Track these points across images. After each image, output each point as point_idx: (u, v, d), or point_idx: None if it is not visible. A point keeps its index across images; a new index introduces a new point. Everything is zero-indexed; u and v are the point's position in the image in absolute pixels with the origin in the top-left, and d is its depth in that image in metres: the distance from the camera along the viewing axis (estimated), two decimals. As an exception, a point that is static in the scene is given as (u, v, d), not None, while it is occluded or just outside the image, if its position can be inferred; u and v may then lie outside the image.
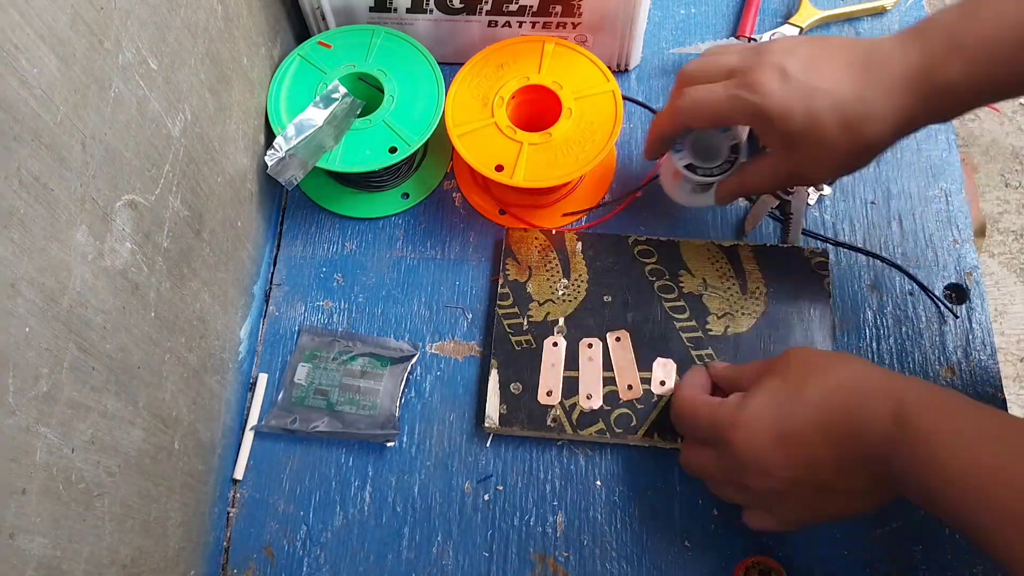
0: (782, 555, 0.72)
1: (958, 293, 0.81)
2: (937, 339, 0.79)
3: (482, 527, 0.74)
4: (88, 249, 0.52)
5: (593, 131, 0.79)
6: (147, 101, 0.59)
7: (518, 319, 0.79)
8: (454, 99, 0.82)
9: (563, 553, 0.73)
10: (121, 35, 0.55)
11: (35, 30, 0.46)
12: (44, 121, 0.47)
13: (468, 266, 0.84)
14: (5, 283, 0.44)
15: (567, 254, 0.81)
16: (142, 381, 0.60)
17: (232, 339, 0.77)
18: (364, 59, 0.84)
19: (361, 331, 0.82)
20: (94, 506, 0.54)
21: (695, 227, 0.85)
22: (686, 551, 0.72)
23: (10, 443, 0.45)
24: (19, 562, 0.46)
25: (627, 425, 0.74)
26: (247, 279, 0.81)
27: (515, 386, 0.76)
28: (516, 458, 0.76)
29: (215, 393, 0.74)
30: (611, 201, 0.86)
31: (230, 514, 0.76)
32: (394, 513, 0.75)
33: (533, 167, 0.78)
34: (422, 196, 0.87)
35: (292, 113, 0.81)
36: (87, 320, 0.52)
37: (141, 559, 0.61)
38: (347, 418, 0.77)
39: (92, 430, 0.53)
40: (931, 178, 0.86)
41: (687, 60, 0.91)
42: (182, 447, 0.68)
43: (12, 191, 0.44)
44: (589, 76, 0.82)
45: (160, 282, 0.62)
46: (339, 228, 0.86)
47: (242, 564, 0.74)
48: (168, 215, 0.63)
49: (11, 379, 0.45)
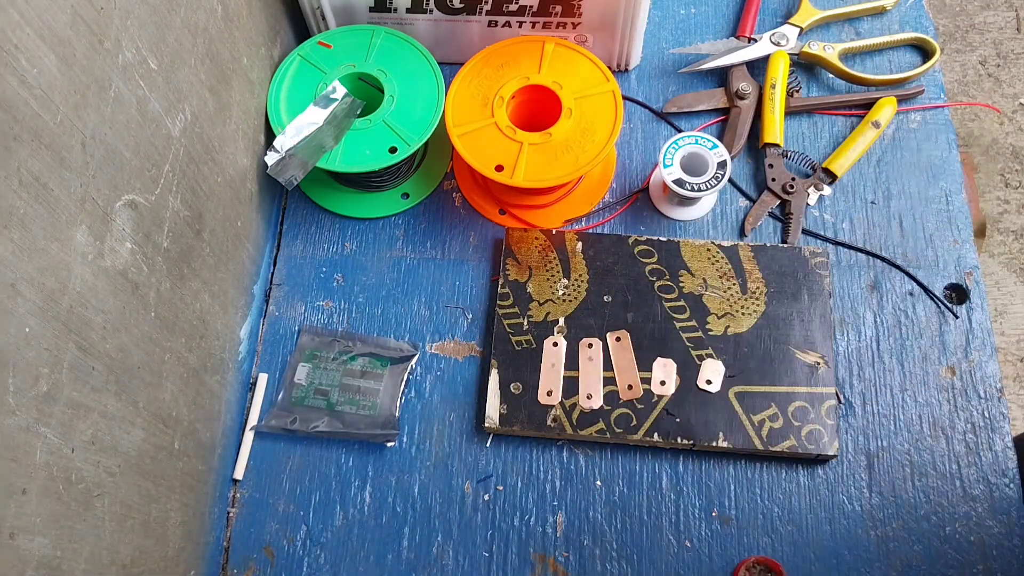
0: (781, 555, 0.72)
1: (958, 293, 0.81)
2: (937, 339, 0.79)
3: (482, 527, 0.74)
4: (88, 249, 0.52)
5: (593, 131, 0.79)
6: (147, 101, 0.59)
7: (518, 319, 0.79)
8: (454, 99, 0.81)
9: (563, 553, 0.73)
10: (121, 35, 0.55)
11: (35, 30, 0.46)
12: (44, 121, 0.47)
13: (468, 266, 0.84)
14: (5, 283, 0.44)
15: (567, 254, 0.81)
16: (142, 381, 0.60)
17: (232, 339, 0.77)
18: (364, 59, 0.84)
19: (361, 331, 0.81)
20: (94, 506, 0.54)
21: (695, 227, 0.85)
22: (686, 551, 0.72)
23: (10, 443, 0.45)
24: (19, 562, 0.46)
25: (627, 425, 0.74)
26: (247, 279, 0.81)
27: (515, 386, 0.76)
28: (516, 458, 0.76)
29: (215, 393, 0.74)
30: (612, 202, 0.86)
31: (230, 514, 0.76)
32: (394, 513, 0.75)
33: (533, 167, 0.78)
34: (422, 196, 0.87)
35: (292, 113, 0.81)
36: (87, 320, 0.52)
37: (141, 559, 0.61)
38: (347, 418, 0.77)
39: (92, 430, 0.53)
40: (931, 178, 0.85)
41: (687, 60, 0.91)
42: (182, 447, 0.68)
43: (12, 191, 0.44)
44: (589, 76, 0.82)
45: (160, 282, 0.62)
46: (339, 228, 0.86)
47: (242, 564, 0.74)
48: (168, 215, 0.63)
49: (11, 379, 0.45)
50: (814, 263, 0.80)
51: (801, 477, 0.75)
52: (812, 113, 0.89)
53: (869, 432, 0.76)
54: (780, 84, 0.87)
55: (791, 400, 0.74)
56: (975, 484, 0.74)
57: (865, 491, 0.74)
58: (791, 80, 0.88)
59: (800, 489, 0.74)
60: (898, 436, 0.75)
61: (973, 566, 0.71)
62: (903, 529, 0.72)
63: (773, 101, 0.86)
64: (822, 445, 0.73)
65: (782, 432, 0.73)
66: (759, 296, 0.79)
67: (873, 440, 0.75)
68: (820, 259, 0.80)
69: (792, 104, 0.88)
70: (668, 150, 0.81)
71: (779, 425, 0.73)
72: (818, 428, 0.73)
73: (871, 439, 0.75)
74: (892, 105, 0.86)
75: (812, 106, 0.89)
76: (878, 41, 0.91)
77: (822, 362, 0.76)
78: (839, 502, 0.74)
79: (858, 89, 0.90)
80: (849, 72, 0.88)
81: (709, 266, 0.80)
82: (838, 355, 0.78)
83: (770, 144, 0.85)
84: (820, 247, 0.81)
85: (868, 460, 0.75)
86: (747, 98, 0.88)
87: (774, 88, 0.87)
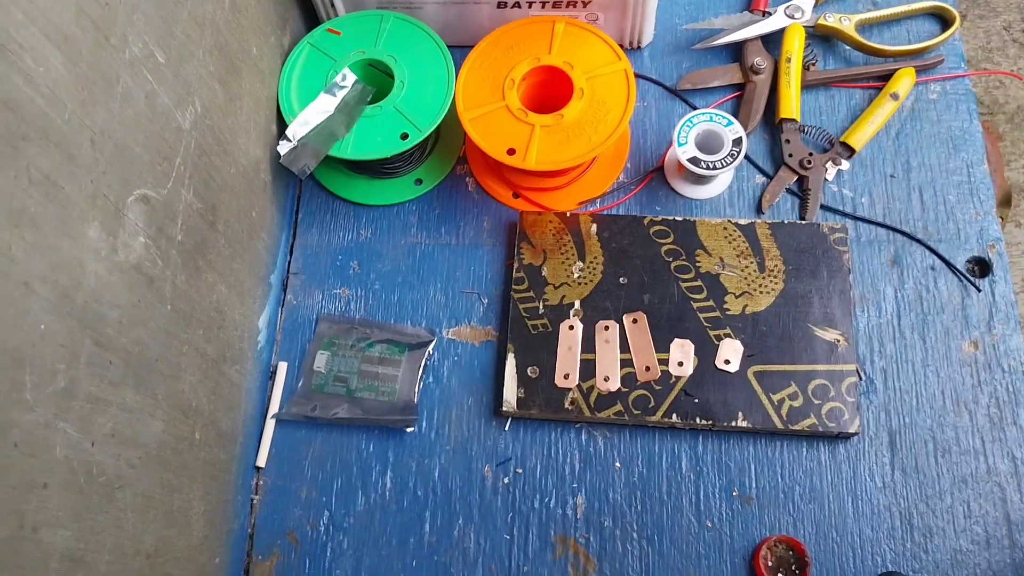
0: (803, 534, 0.71)
1: (981, 266, 0.79)
2: (960, 313, 0.78)
3: (503, 510, 0.74)
4: (101, 245, 0.52)
5: (606, 111, 0.78)
6: (156, 95, 0.59)
7: (534, 303, 0.78)
8: (464, 83, 0.81)
9: (584, 534, 0.73)
10: (127, 30, 0.55)
11: (40, 28, 0.46)
12: (52, 119, 0.47)
13: (483, 251, 0.84)
14: (19, 281, 0.45)
15: (582, 236, 0.81)
16: (160, 373, 0.61)
17: (250, 329, 0.78)
18: (374, 45, 0.84)
19: (378, 318, 0.82)
20: (116, 498, 0.55)
21: (712, 206, 0.84)
22: (707, 531, 0.72)
23: (29, 439, 0.46)
24: (43, 555, 0.47)
25: (645, 406, 0.74)
26: (263, 269, 0.81)
27: (532, 370, 0.76)
28: (535, 441, 0.76)
29: (235, 383, 0.74)
30: (626, 183, 0.85)
31: (254, 501, 0.76)
32: (415, 497, 0.75)
33: (545, 149, 0.77)
34: (435, 182, 0.87)
35: (303, 102, 0.81)
36: (102, 315, 0.53)
37: (165, 548, 0.62)
38: (366, 404, 0.78)
39: (112, 423, 0.54)
40: (952, 149, 0.84)
41: (701, 36, 0.90)
42: (203, 437, 0.68)
43: (22, 190, 0.45)
44: (600, 55, 0.81)
45: (175, 275, 0.63)
46: (353, 216, 0.86)
47: (267, 550, 0.75)
48: (181, 208, 0.63)
49: (28, 376, 0.45)
50: (833, 239, 0.79)
51: (822, 455, 0.74)
52: (829, 86, 0.88)
53: (891, 409, 0.75)
54: (796, 58, 0.85)
55: (811, 378, 0.74)
56: (1000, 459, 0.73)
57: (888, 468, 0.73)
58: (807, 53, 0.87)
59: (821, 467, 0.74)
60: (920, 412, 0.75)
61: (1000, 541, 0.70)
62: (926, 506, 0.72)
63: (789, 75, 0.85)
64: (843, 423, 0.72)
65: (802, 411, 0.73)
66: (777, 274, 0.78)
67: (895, 417, 0.75)
68: (839, 235, 0.79)
69: (808, 78, 0.87)
70: (682, 128, 0.80)
71: (799, 404, 0.73)
72: (839, 406, 0.73)
73: (893, 416, 0.75)
74: (911, 76, 0.85)
75: (829, 79, 0.87)
76: (896, 11, 0.89)
77: (842, 339, 0.75)
78: (861, 480, 0.73)
79: (875, 61, 0.88)
80: (866, 43, 0.87)
81: (726, 245, 0.79)
82: (858, 332, 0.77)
83: (786, 119, 0.84)
84: (839, 222, 0.80)
85: (890, 437, 0.74)
86: (762, 73, 0.87)
87: (789, 62, 0.85)
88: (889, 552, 0.71)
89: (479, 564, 0.73)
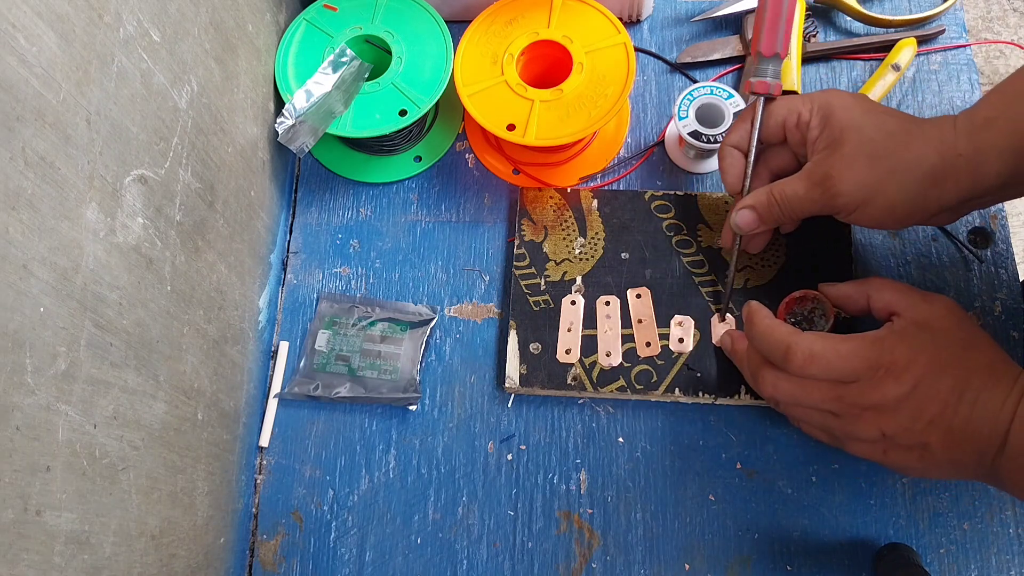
0: (807, 504, 0.72)
1: (982, 237, 0.79)
2: (962, 284, 0.77)
3: (506, 486, 0.74)
4: (99, 226, 0.52)
5: (605, 85, 0.77)
6: (151, 74, 0.58)
7: (535, 279, 0.78)
8: (463, 58, 0.80)
9: (587, 510, 0.73)
10: (121, 8, 0.54)
11: (32, 7, 0.46)
12: (46, 100, 0.47)
13: (484, 227, 0.83)
14: (17, 264, 0.44)
15: (583, 212, 0.80)
16: (162, 355, 0.61)
17: (251, 309, 0.78)
18: (371, 20, 0.83)
19: (379, 296, 0.82)
20: (119, 480, 0.55)
21: (713, 180, 0.83)
22: (710, 504, 0.73)
23: (31, 422, 0.46)
24: (48, 537, 0.47)
25: (647, 381, 0.74)
26: (263, 248, 0.81)
27: (534, 346, 0.76)
28: (538, 417, 0.76)
29: (236, 363, 0.74)
30: (627, 157, 0.85)
31: (257, 481, 0.76)
32: (419, 475, 0.75)
33: (545, 125, 0.77)
34: (435, 159, 0.86)
35: (300, 79, 0.81)
36: (102, 297, 0.52)
37: (170, 529, 0.62)
38: (369, 383, 0.78)
39: (114, 405, 0.54)
40: (954, 120, 0.83)
41: (700, 8, 0.89)
42: (206, 418, 0.68)
43: (18, 172, 0.44)
44: (600, 29, 0.80)
45: (175, 255, 0.63)
46: (353, 194, 0.86)
47: (271, 529, 0.75)
48: (179, 188, 0.63)
49: (28, 359, 0.45)
50: (834, 212, 0.78)
51: (825, 428, 0.74)
52: (830, 59, 0.87)
53: (893, 381, 0.75)
54: (796, 30, 0.85)
55: (813, 351, 0.73)
56: (1002, 430, 0.73)
57: (890, 440, 0.73)
58: (807, 25, 0.86)
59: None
60: (923, 384, 0.75)
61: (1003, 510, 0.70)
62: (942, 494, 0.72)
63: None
64: (845, 396, 0.72)
65: (804, 384, 0.72)
66: (779, 247, 0.77)
67: (897, 389, 0.75)
68: (840, 207, 0.78)
69: (809, 50, 0.86)
70: (683, 102, 0.79)
71: (801, 377, 0.73)
72: (841, 379, 0.72)
73: (895, 388, 0.75)
74: (912, 46, 0.84)
75: (830, 51, 0.86)
76: (897, -20, 0.88)
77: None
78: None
79: (876, 32, 0.87)
80: (867, 13, 0.86)
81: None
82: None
83: (788, 92, 0.84)
84: (840, 195, 0.80)
85: (893, 409, 0.74)
86: (763, 45, 0.86)
87: (790, 33, 0.84)
88: (897, 517, 0.71)
89: (483, 540, 0.73)
